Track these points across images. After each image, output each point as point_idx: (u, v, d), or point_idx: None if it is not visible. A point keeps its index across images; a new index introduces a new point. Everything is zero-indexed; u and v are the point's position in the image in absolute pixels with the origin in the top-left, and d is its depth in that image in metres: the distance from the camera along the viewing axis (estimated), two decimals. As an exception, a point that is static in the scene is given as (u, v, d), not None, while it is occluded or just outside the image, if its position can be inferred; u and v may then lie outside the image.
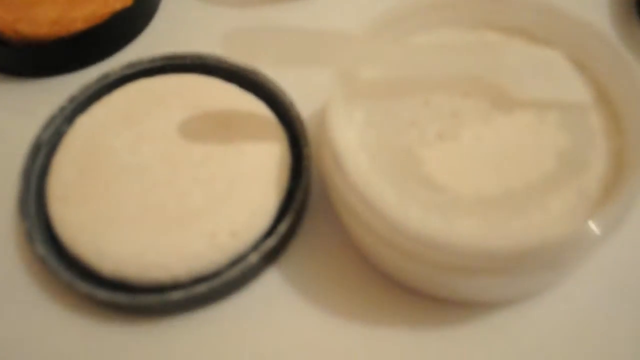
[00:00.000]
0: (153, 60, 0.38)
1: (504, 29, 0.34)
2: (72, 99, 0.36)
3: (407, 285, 0.32)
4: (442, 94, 0.32)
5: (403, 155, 0.30)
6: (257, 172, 0.33)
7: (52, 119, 0.36)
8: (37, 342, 0.32)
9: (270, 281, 0.33)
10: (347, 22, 0.41)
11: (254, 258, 0.31)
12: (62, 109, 0.36)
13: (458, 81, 0.32)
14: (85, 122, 0.36)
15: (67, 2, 0.41)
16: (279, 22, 0.42)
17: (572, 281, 0.32)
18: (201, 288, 0.30)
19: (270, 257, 0.32)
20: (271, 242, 0.31)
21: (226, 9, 0.44)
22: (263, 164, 0.33)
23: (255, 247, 0.32)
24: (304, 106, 0.36)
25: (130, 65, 0.38)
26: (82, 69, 0.41)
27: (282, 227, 0.32)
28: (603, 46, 0.31)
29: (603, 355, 0.31)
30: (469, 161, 0.30)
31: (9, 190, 0.35)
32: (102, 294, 0.30)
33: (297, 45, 0.31)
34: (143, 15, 0.43)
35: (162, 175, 0.33)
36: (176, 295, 0.30)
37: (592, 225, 0.27)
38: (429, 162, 0.30)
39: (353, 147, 0.30)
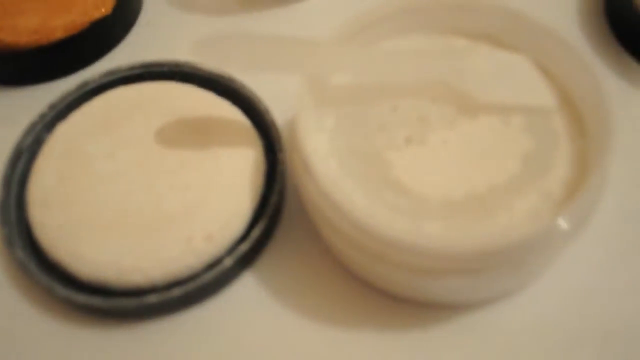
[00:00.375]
0: (131, 68, 0.38)
1: (471, 34, 0.35)
2: (52, 106, 0.37)
3: (379, 288, 0.33)
4: (410, 99, 0.33)
5: (372, 159, 0.31)
6: (232, 177, 0.33)
7: (33, 126, 0.36)
8: (15, 346, 0.32)
9: (246, 285, 0.33)
10: (321, 29, 0.42)
11: (228, 262, 0.32)
12: (42, 116, 0.37)
13: (425, 86, 0.33)
14: (64, 129, 0.36)
15: (47, 11, 0.41)
16: (255, 30, 0.43)
17: (541, 283, 0.33)
18: (177, 291, 0.31)
19: (245, 262, 0.33)
20: (245, 246, 0.32)
21: (205, 17, 0.44)
22: (238, 169, 0.34)
23: (230, 251, 0.32)
24: (280, 113, 0.36)
25: (109, 73, 0.38)
26: (63, 77, 0.42)
27: (256, 232, 0.32)
28: (567, 51, 0.32)
29: (574, 354, 0.31)
30: (436, 165, 0.31)
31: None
32: (80, 297, 0.31)
33: (267, 51, 0.32)
34: (122, 24, 0.44)
35: (139, 180, 0.33)
36: (153, 298, 0.31)
37: (555, 226, 0.28)
38: (397, 166, 0.31)
39: (322, 152, 0.31)
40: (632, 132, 0.38)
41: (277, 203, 0.34)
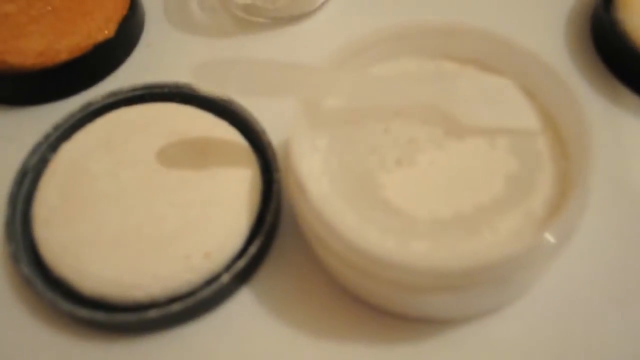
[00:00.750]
0: (133, 89, 0.40)
1: (459, 59, 0.36)
2: (56, 127, 0.38)
3: (370, 303, 0.34)
4: (401, 122, 0.34)
5: (363, 180, 0.32)
6: (230, 196, 0.35)
7: (38, 146, 0.38)
8: (20, 358, 0.33)
9: (243, 300, 0.35)
10: (313, 51, 0.43)
11: (226, 278, 0.33)
12: (47, 137, 0.38)
13: (415, 109, 0.34)
14: (68, 149, 0.38)
15: (52, 34, 0.43)
16: (252, 52, 0.45)
17: (528, 298, 0.34)
18: (176, 307, 0.32)
19: (242, 278, 0.34)
20: (242, 262, 0.33)
21: (204, 40, 0.46)
22: (236, 188, 0.35)
23: (227, 268, 0.34)
24: (276, 134, 0.38)
25: (112, 94, 0.40)
26: (67, 97, 0.43)
27: (252, 249, 0.34)
28: (550, 76, 0.34)
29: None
30: (424, 186, 0.32)
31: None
32: (83, 312, 0.32)
33: (264, 75, 0.33)
34: (124, 46, 0.45)
35: (140, 199, 0.35)
36: (153, 313, 0.32)
37: (537, 244, 0.29)
38: (388, 187, 0.32)
39: (316, 173, 0.33)
40: (616, 151, 0.39)
41: (273, 221, 0.35)
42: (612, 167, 0.38)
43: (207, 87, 0.36)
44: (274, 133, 0.37)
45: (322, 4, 0.46)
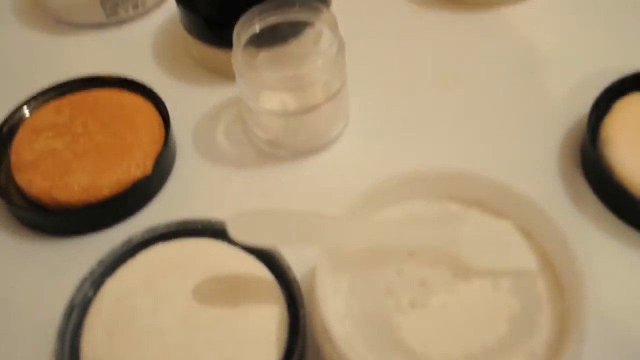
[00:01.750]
0: (169, 225, 0.44)
1: (463, 200, 0.41)
2: (100, 263, 0.42)
3: None
4: (413, 263, 0.38)
5: (381, 322, 0.36)
6: (260, 332, 0.38)
7: (83, 282, 0.41)
8: None
9: None
10: (331, 181, 0.48)
11: (258, 410, 0.36)
12: (92, 272, 0.42)
13: (425, 252, 0.38)
14: (112, 285, 0.41)
15: (95, 170, 0.47)
16: (275, 182, 0.49)
17: None
18: None
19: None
20: (272, 396, 0.37)
21: (230, 170, 0.50)
22: (265, 324, 0.39)
23: (259, 399, 0.37)
24: (298, 268, 0.41)
25: (150, 230, 0.44)
26: (106, 228, 0.48)
27: (282, 384, 0.37)
28: (543, 219, 0.38)
29: None
30: (437, 327, 0.36)
31: (46, 347, 0.40)
32: None
33: (290, 224, 0.37)
34: (159, 180, 0.50)
35: (179, 337, 0.38)
36: None
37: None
38: (403, 328, 0.36)
39: (339, 315, 0.36)
40: (610, 282, 0.42)
41: (300, 354, 0.38)
42: (608, 300, 0.41)
43: (241, 237, 0.40)
44: (297, 266, 0.41)
45: (336, 137, 0.51)
